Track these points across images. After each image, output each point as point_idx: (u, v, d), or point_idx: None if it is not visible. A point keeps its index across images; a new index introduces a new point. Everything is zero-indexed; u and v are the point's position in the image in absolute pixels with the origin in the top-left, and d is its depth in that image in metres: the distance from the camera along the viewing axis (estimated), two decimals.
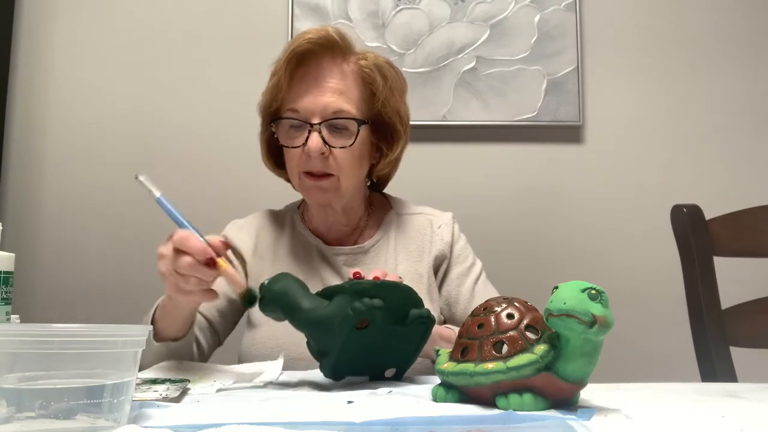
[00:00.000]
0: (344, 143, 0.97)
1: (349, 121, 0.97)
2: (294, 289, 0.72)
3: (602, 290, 0.53)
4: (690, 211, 1.12)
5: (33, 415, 0.44)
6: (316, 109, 0.96)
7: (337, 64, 0.99)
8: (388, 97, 1.01)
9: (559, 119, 1.77)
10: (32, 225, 1.77)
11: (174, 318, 0.86)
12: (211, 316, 1.02)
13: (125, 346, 0.49)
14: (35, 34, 1.83)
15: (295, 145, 0.97)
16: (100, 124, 1.80)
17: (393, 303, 0.70)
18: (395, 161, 1.07)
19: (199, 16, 1.82)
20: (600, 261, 1.75)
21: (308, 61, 0.98)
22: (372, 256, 1.05)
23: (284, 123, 0.99)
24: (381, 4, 1.80)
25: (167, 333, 0.87)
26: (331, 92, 0.96)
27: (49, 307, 1.72)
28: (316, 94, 0.96)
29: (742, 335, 1.07)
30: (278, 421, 0.50)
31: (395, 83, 1.03)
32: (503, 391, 0.55)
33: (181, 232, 0.77)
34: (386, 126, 1.03)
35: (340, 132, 0.97)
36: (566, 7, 1.79)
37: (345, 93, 0.97)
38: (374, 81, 0.99)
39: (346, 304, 0.68)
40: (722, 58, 1.82)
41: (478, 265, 1.10)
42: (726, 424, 0.52)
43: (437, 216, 1.11)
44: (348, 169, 0.98)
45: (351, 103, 0.98)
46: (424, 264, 1.05)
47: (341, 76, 0.98)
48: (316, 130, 0.95)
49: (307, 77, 0.97)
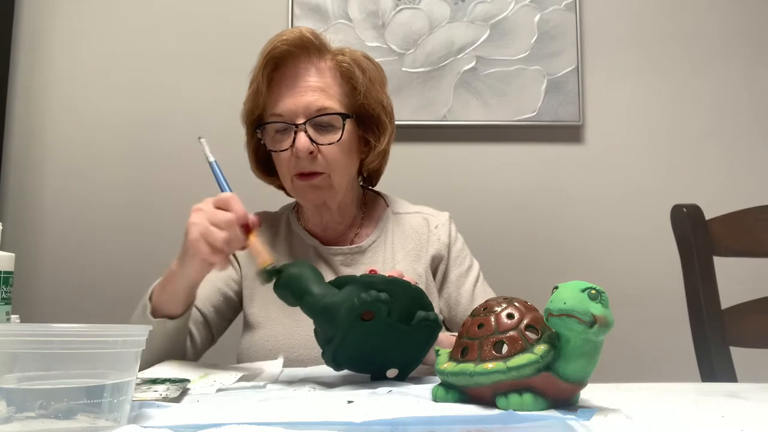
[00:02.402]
0: (331, 139, 0.97)
1: (334, 116, 0.97)
2: (307, 275, 0.74)
3: (602, 290, 0.53)
4: (690, 211, 1.12)
5: (33, 415, 0.44)
6: (299, 110, 0.96)
7: (314, 63, 0.99)
8: (369, 89, 1.01)
9: (559, 119, 1.77)
10: (32, 225, 1.77)
11: (174, 291, 0.87)
12: (206, 310, 1.02)
13: (125, 346, 0.49)
14: (35, 34, 1.83)
15: (283, 149, 0.97)
16: (101, 123, 1.80)
17: (401, 301, 0.70)
18: (384, 153, 1.06)
19: (199, 16, 1.82)
20: (600, 261, 1.75)
21: (284, 63, 0.98)
22: (369, 256, 1.05)
23: (269, 128, 0.99)
24: (381, 4, 1.80)
25: (166, 308, 0.87)
26: (311, 91, 0.96)
27: (49, 307, 1.72)
28: (296, 94, 0.96)
29: (742, 335, 1.07)
30: (278, 421, 0.50)
31: (374, 75, 1.03)
32: (503, 391, 0.55)
33: (228, 194, 0.83)
34: (371, 118, 1.03)
35: (326, 129, 0.97)
36: (566, 7, 1.79)
37: (326, 90, 0.97)
38: (353, 74, 0.99)
39: (354, 294, 0.68)
40: (722, 57, 1.82)
41: (476, 266, 1.09)
42: (726, 424, 0.52)
43: (434, 216, 1.10)
44: (338, 165, 0.98)
45: (333, 99, 0.98)
46: (422, 264, 1.05)
47: (319, 74, 0.98)
48: (302, 130, 0.95)
49: (286, 79, 0.98)
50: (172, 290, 0.87)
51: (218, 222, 0.79)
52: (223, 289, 1.04)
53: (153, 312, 0.87)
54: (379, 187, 1.17)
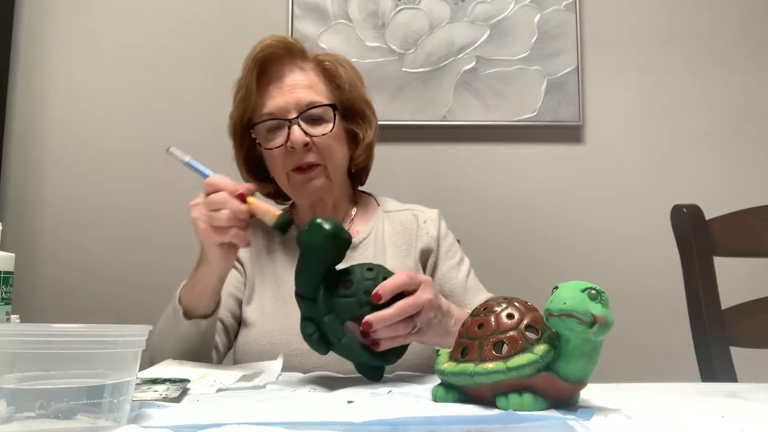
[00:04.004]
0: (324, 131, 1.00)
1: (325, 108, 1.01)
2: (318, 254, 0.74)
3: (602, 290, 0.53)
4: (690, 211, 1.12)
5: (33, 415, 0.44)
6: (290, 106, 0.99)
7: (298, 65, 1.03)
8: (354, 85, 1.05)
9: (559, 119, 1.77)
10: (32, 225, 1.77)
11: (203, 288, 0.89)
12: (224, 317, 1.03)
13: (125, 346, 0.49)
14: (35, 34, 1.83)
15: (277, 145, 0.99)
16: (100, 124, 1.80)
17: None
18: (370, 147, 1.09)
19: (199, 16, 1.82)
20: (600, 261, 1.75)
21: (270, 65, 1.02)
22: (361, 252, 1.07)
23: (260, 129, 1.01)
24: (381, 4, 1.80)
25: (197, 310, 0.90)
26: (299, 88, 1.01)
27: (49, 307, 1.72)
28: (286, 92, 1.00)
29: (742, 335, 1.07)
30: (278, 421, 0.50)
31: (355, 73, 1.08)
32: (503, 391, 0.55)
33: (212, 177, 0.85)
34: (356, 112, 1.07)
35: (317, 122, 1.01)
36: (566, 7, 1.79)
37: (312, 86, 1.02)
38: (336, 72, 1.04)
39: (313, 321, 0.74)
40: (722, 58, 1.82)
41: (466, 262, 1.11)
42: (726, 424, 0.52)
43: (423, 212, 1.13)
44: (333, 156, 1.02)
45: (321, 94, 1.02)
46: (412, 258, 1.07)
47: (304, 74, 1.03)
48: (295, 124, 0.98)
49: (273, 81, 1.01)
50: (201, 288, 0.89)
51: (214, 204, 0.82)
52: (235, 293, 1.06)
53: (185, 314, 0.89)
54: (377, 187, 1.18)
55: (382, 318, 0.71)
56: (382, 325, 0.71)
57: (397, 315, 0.72)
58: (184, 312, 0.89)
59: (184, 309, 0.89)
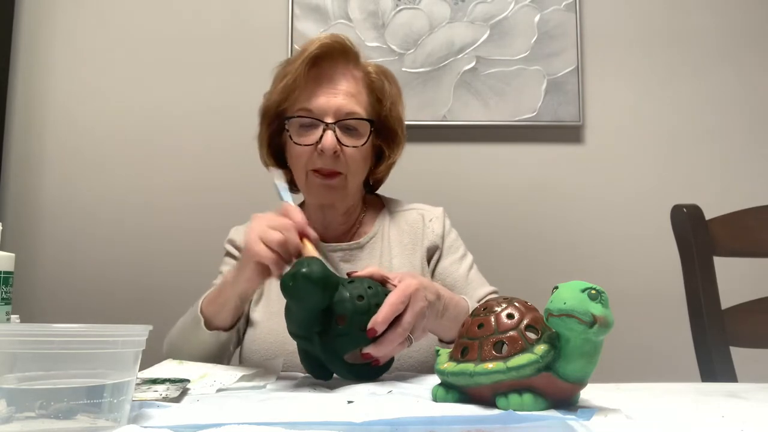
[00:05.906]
0: (355, 143, 1.00)
1: (361, 122, 1.01)
2: (306, 302, 0.71)
3: (602, 290, 0.53)
4: (690, 211, 1.12)
5: (33, 415, 0.44)
6: (330, 110, 0.99)
7: (350, 69, 1.03)
8: (395, 103, 1.06)
9: (559, 119, 1.77)
10: (32, 225, 1.77)
11: (224, 301, 0.90)
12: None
13: (125, 346, 0.49)
14: (35, 35, 1.83)
15: (308, 143, 0.99)
16: (100, 124, 1.79)
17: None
18: (392, 165, 1.11)
19: (199, 16, 1.82)
20: (600, 261, 1.75)
21: (323, 63, 1.01)
22: (368, 251, 1.08)
23: (295, 122, 1.01)
24: (381, 4, 1.80)
25: (215, 320, 0.91)
26: (343, 95, 1.00)
27: (49, 307, 1.72)
28: (330, 95, 1.00)
29: (742, 335, 1.07)
30: (278, 421, 0.50)
31: (397, 90, 1.09)
32: (503, 391, 0.55)
33: (289, 204, 0.86)
34: (389, 131, 1.08)
35: (351, 133, 1.01)
36: (566, 7, 1.79)
37: (356, 96, 1.02)
38: (382, 87, 1.05)
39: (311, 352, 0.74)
40: (722, 58, 1.82)
41: (469, 256, 1.12)
42: (726, 424, 0.52)
43: (429, 210, 1.14)
44: (356, 168, 1.02)
45: (361, 106, 1.02)
46: (418, 256, 1.08)
47: (353, 80, 1.03)
48: (331, 129, 0.98)
49: (321, 78, 1.01)
50: (222, 301, 0.90)
51: (276, 225, 0.81)
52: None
53: (207, 324, 0.90)
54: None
55: (382, 348, 0.73)
56: (382, 354, 0.74)
57: (395, 340, 0.74)
58: (204, 321, 0.90)
59: (205, 317, 0.91)
